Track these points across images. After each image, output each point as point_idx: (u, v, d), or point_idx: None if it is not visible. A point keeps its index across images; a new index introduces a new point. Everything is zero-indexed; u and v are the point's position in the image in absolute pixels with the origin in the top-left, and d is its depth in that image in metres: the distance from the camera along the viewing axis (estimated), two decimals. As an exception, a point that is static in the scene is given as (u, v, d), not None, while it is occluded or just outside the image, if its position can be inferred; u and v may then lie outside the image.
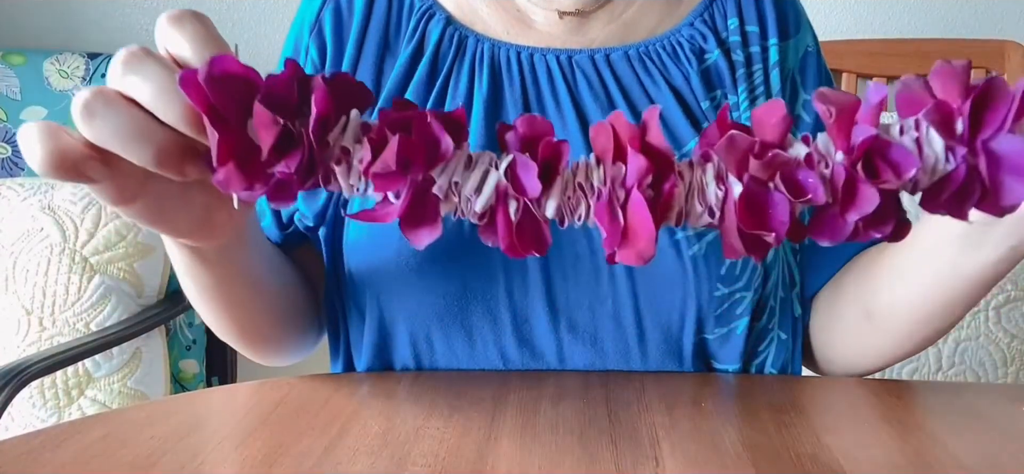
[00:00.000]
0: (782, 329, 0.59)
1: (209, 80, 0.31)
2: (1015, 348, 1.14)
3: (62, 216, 1.15)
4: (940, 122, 0.31)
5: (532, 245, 0.34)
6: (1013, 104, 0.31)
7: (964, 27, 1.58)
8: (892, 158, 0.31)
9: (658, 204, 0.32)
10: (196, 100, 0.31)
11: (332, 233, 0.58)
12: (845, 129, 0.32)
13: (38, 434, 0.45)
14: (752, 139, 0.32)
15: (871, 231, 0.32)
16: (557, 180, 0.33)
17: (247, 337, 0.56)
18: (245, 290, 0.51)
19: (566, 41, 0.59)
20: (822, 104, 0.32)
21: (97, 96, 0.32)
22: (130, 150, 0.32)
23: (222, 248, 0.45)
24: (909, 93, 0.32)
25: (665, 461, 0.42)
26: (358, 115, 0.34)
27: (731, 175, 0.33)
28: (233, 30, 1.60)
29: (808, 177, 0.32)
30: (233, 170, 0.32)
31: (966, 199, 0.32)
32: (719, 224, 0.33)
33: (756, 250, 0.33)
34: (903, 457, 0.43)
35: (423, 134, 0.32)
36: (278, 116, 0.31)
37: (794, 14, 0.62)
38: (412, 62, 0.58)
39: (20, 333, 1.12)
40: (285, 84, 0.32)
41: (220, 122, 0.31)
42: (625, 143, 0.33)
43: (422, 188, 0.33)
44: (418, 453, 0.43)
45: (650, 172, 0.32)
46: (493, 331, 0.55)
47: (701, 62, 0.58)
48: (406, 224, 0.33)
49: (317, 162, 0.33)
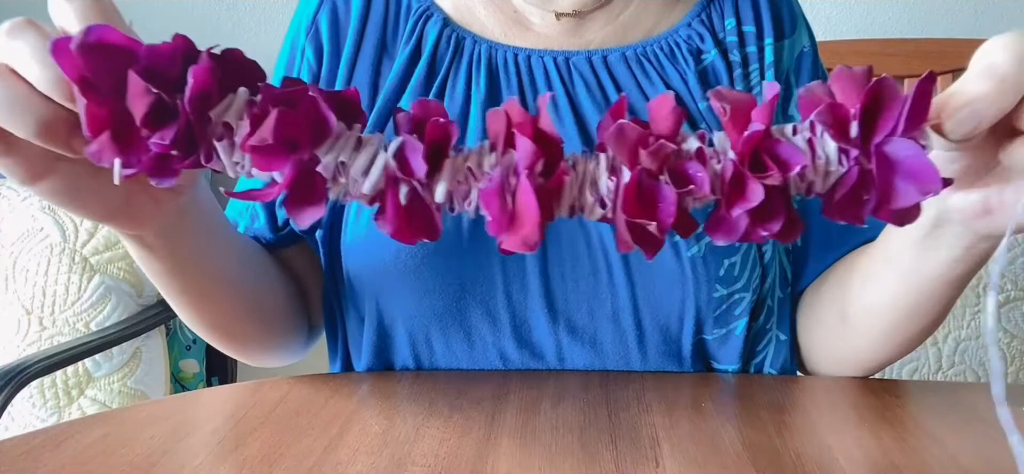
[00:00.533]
0: (780, 330, 0.59)
1: (82, 48, 0.30)
2: (1015, 348, 1.14)
3: (62, 216, 1.15)
4: (833, 124, 0.32)
5: (422, 231, 0.33)
6: (904, 107, 0.31)
7: (964, 27, 1.58)
8: (779, 154, 0.32)
9: (546, 191, 0.32)
10: (66, 68, 0.30)
11: (329, 235, 0.58)
12: (740, 126, 0.32)
13: (38, 434, 0.45)
14: (642, 130, 0.32)
15: (760, 228, 0.32)
16: (446, 163, 0.33)
17: (220, 333, 0.55)
18: (204, 282, 0.50)
19: (563, 42, 0.59)
20: (718, 101, 0.32)
21: None
22: (11, 122, 0.32)
23: (162, 235, 0.44)
24: (810, 96, 0.33)
25: (665, 461, 0.42)
26: (246, 92, 0.33)
27: (624, 166, 0.32)
28: (233, 30, 1.60)
29: (696, 170, 0.32)
30: (106, 141, 0.31)
31: (860, 202, 0.32)
32: (612, 217, 0.33)
33: (645, 243, 0.32)
34: (903, 457, 0.43)
35: (308, 111, 0.32)
36: (155, 87, 0.30)
37: (790, 14, 0.62)
38: (410, 63, 0.58)
39: (20, 333, 1.12)
40: (167, 57, 0.31)
41: (90, 91, 0.30)
42: (514, 129, 0.32)
43: (307, 167, 0.32)
44: (418, 453, 0.43)
45: (539, 158, 0.32)
46: (492, 332, 0.55)
47: (698, 62, 0.58)
48: (290, 202, 0.32)
49: (198, 138, 0.32)
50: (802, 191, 0.33)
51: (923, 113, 0.31)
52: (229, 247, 0.53)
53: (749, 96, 0.33)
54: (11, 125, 0.32)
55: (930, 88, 0.31)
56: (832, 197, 0.33)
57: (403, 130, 0.34)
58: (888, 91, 0.31)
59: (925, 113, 0.31)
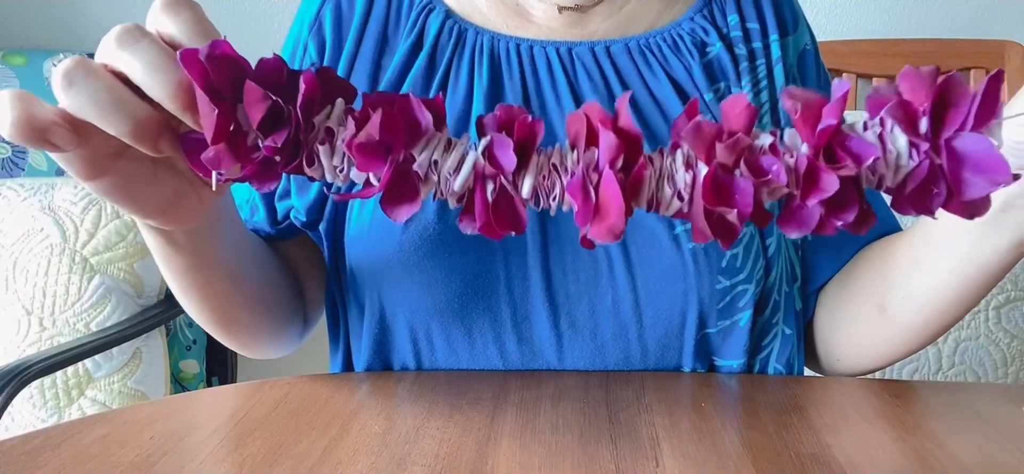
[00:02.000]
0: (786, 324, 0.59)
1: (210, 59, 0.32)
2: (1015, 348, 1.14)
3: (62, 216, 1.15)
4: (903, 119, 0.33)
5: (509, 224, 0.35)
6: (974, 103, 0.32)
7: (964, 27, 1.58)
8: (852, 147, 0.33)
9: (628, 184, 0.34)
10: (196, 77, 0.32)
11: (333, 227, 0.58)
12: (811, 123, 0.33)
13: (38, 434, 0.45)
14: (718, 126, 0.34)
15: (834, 218, 0.33)
16: (532, 159, 0.35)
17: (224, 325, 0.55)
18: (220, 279, 0.51)
19: (566, 34, 0.59)
20: (789, 100, 0.33)
21: (78, 65, 0.33)
22: (107, 120, 0.33)
23: (191, 234, 0.45)
24: (878, 97, 0.34)
25: (665, 461, 0.42)
26: (343, 102, 0.35)
27: (700, 161, 0.34)
28: (233, 31, 1.60)
29: (772, 163, 0.33)
30: (223, 149, 0.33)
31: (930, 195, 0.33)
32: (688, 209, 0.34)
33: (723, 233, 0.34)
34: (903, 457, 0.43)
35: (405, 111, 0.34)
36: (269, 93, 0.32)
37: (791, 12, 0.62)
38: (410, 55, 0.58)
39: (20, 333, 1.12)
40: (275, 68, 0.33)
41: (218, 99, 0.32)
42: (597, 126, 0.34)
43: (403, 166, 0.34)
44: (418, 453, 0.43)
45: (621, 152, 0.33)
46: (493, 327, 0.55)
47: (703, 55, 0.58)
48: (387, 200, 0.34)
49: (302, 142, 0.34)
50: (873, 184, 0.34)
51: (991, 109, 0.32)
52: (243, 241, 0.54)
53: (820, 94, 0.34)
54: (106, 122, 0.33)
55: (998, 85, 0.32)
56: (903, 190, 0.34)
57: (490, 130, 0.35)
58: (957, 88, 0.32)
59: (993, 110, 0.32)
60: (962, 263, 0.49)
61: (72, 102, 0.33)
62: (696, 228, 0.34)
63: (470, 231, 0.36)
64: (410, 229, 0.53)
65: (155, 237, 0.45)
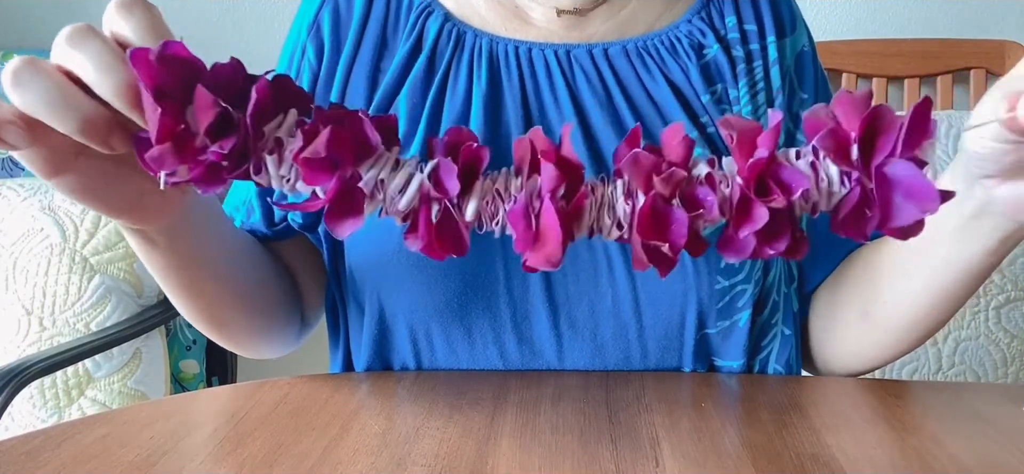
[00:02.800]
0: (785, 325, 0.60)
1: (160, 59, 0.32)
2: (1015, 348, 1.14)
3: (62, 216, 1.15)
4: (835, 148, 0.34)
5: (451, 246, 0.36)
6: (902, 131, 0.33)
7: (964, 27, 1.58)
8: (783, 178, 0.34)
9: (568, 212, 0.35)
10: (144, 76, 0.32)
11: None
12: (746, 152, 0.34)
13: (38, 434, 0.45)
14: (656, 158, 0.35)
15: (767, 247, 0.34)
16: (476, 185, 0.36)
17: (216, 325, 0.55)
18: (205, 278, 0.51)
19: (564, 36, 0.59)
20: (726, 129, 0.35)
21: (26, 64, 0.34)
22: (56, 117, 0.34)
23: (166, 232, 0.46)
24: (814, 119, 0.35)
25: (665, 461, 0.42)
26: (296, 113, 0.35)
27: (639, 191, 0.35)
28: (233, 31, 1.60)
29: (706, 195, 0.34)
30: (168, 149, 0.33)
31: (864, 219, 0.34)
32: (628, 238, 0.35)
33: (659, 262, 0.35)
34: (903, 457, 0.43)
35: (354, 130, 0.35)
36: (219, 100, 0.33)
37: (789, 13, 0.62)
38: (409, 58, 0.58)
39: (20, 333, 1.12)
40: (229, 74, 0.34)
41: (164, 99, 0.32)
42: (539, 155, 0.35)
43: (349, 183, 0.35)
44: (418, 453, 0.43)
45: (561, 182, 0.34)
46: (493, 327, 0.55)
47: (700, 57, 0.58)
48: (331, 215, 0.35)
49: (250, 150, 0.34)
50: (807, 210, 0.35)
51: (922, 134, 0.33)
52: (227, 242, 0.53)
53: (755, 123, 0.35)
54: (55, 120, 0.34)
55: (927, 110, 0.33)
56: (837, 216, 0.35)
57: (438, 153, 0.36)
58: (885, 117, 0.33)
59: (924, 134, 0.33)
60: (939, 268, 0.50)
61: (21, 100, 0.34)
62: (635, 257, 0.35)
63: (414, 249, 0.36)
64: None
65: (132, 236, 0.46)
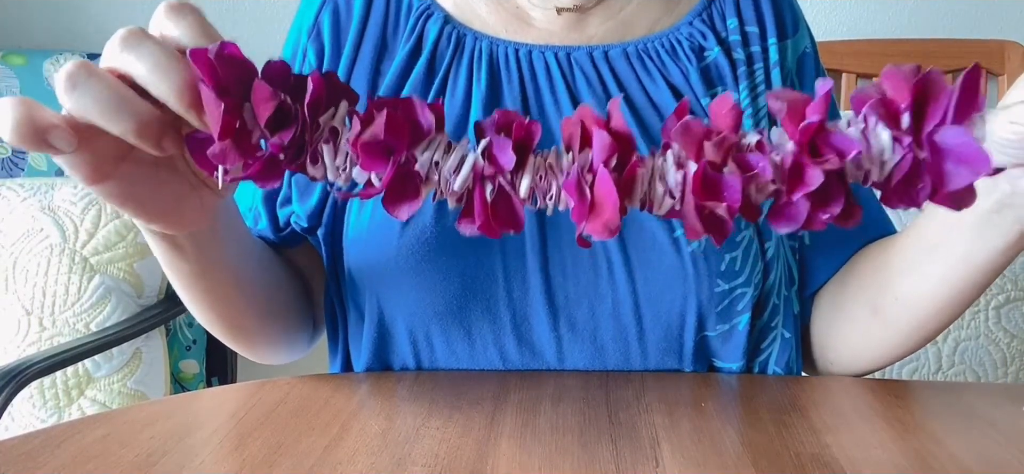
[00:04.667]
0: (785, 328, 0.59)
1: (219, 57, 0.33)
2: (1015, 348, 1.14)
3: (62, 216, 1.15)
4: (885, 115, 0.34)
5: (508, 223, 0.36)
6: (953, 98, 0.33)
7: (964, 27, 1.58)
8: (835, 143, 0.34)
9: (622, 182, 0.35)
10: (205, 73, 0.33)
11: (331, 232, 0.58)
12: (796, 121, 0.34)
13: (38, 434, 0.45)
14: (706, 126, 0.35)
15: (820, 212, 0.34)
16: (529, 160, 0.36)
17: (233, 331, 0.56)
18: (226, 283, 0.51)
19: (564, 38, 0.59)
20: (775, 101, 0.34)
21: (81, 67, 0.34)
22: (111, 120, 0.34)
23: (195, 238, 0.46)
24: (862, 95, 0.35)
25: (665, 461, 0.42)
26: (347, 104, 0.36)
27: (689, 160, 0.35)
28: (233, 31, 1.60)
29: (758, 160, 0.34)
30: (229, 145, 0.33)
31: (915, 188, 0.34)
32: (680, 207, 0.35)
33: (714, 229, 0.35)
34: (903, 457, 0.43)
35: (408, 113, 0.35)
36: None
37: (792, 15, 0.62)
38: (409, 60, 0.58)
39: (20, 333, 1.12)
40: (282, 71, 0.34)
41: (227, 97, 0.33)
42: (591, 127, 0.35)
43: (405, 167, 0.35)
44: (418, 453, 0.43)
45: (615, 151, 0.34)
46: (492, 330, 0.55)
47: (701, 60, 0.58)
48: (389, 199, 0.35)
49: (307, 141, 0.35)
50: (859, 179, 0.35)
51: (972, 103, 0.33)
52: (247, 246, 0.54)
53: (804, 95, 0.35)
54: (110, 122, 0.34)
55: (978, 78, 0.33)
56: (889, 184, 0.35)
57: (488, 132, 0.36)
58: (936, 83, 0.33)
59: (974, 103, 0.33)
60: (955, 265, 0.49)
61: (76, 104, 0.34)
62: (688, 225, 0.35)
63: (469, 232, 0.36)
64: (408, 231, 0.53)
65: (160, 243, 0.45)
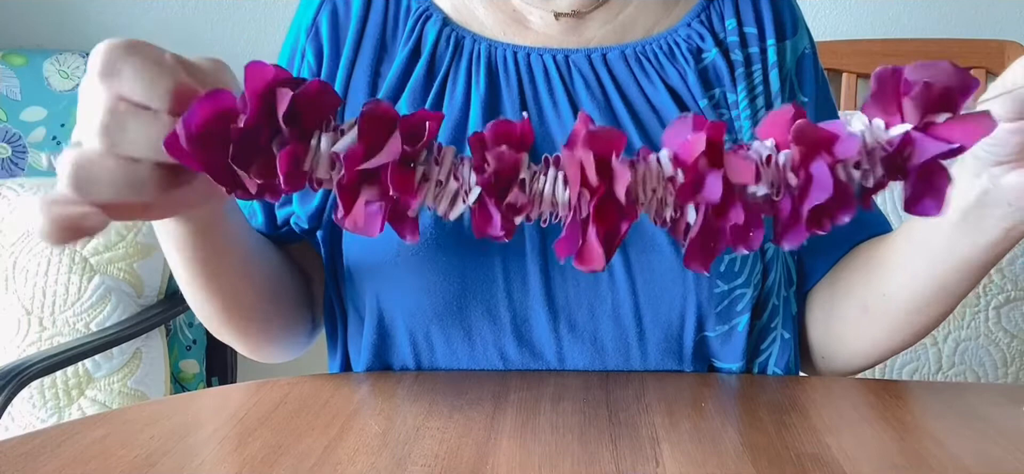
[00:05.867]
0: (785, 328, 0.59)
1: (189, 140, 0.32)
2: (1015, 348, 1.13)
3: (62, 216, 1.15)
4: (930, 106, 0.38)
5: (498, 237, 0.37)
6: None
7: (964, 27, 1.58)
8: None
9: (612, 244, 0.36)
10: (188, 162, 0.33)
11: (330, 233, 0.58)
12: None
13: (38, 434, 0.45)
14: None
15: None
16: (520, 191, 0.36)
17: (235, 322, 0.56)
18: (231, 269, 0.52)
19: (563, 41, 0.59)
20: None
21: (79, 168, 0.34)
22: (129, 196, 0.35)
23: (200, 219, 0.46)
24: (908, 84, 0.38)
25: (665, 461, 0.42)
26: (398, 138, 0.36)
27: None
28: (233, 31, 1.60)
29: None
30: (236, 194, 0.35)
31: None
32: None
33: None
34: (903, 457, 0.43)
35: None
36: (291, 127, 0.34)
37: (791, 16, 0.62)
38: (409, 63, 0.58)
39: (20, 333, 1.12)
40: (315, 93, 0.34)
41: (211, 168, 0.33)
42: (592, 179, 0.35)
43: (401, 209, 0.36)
44: (418, 453, 0.43)
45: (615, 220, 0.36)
46: (492, 330, 0.55)
47: (698, 61, 0.58)
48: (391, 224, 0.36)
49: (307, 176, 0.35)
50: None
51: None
52: (248, 235, 0.54)
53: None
54: (130, 197, 0.35)
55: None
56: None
57: (488, 146, 0.36)
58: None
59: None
60: (939, 260, 0.50)
61: (96, 198, 0.34)
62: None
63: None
64: None
65: (168, 235, 0.46)
